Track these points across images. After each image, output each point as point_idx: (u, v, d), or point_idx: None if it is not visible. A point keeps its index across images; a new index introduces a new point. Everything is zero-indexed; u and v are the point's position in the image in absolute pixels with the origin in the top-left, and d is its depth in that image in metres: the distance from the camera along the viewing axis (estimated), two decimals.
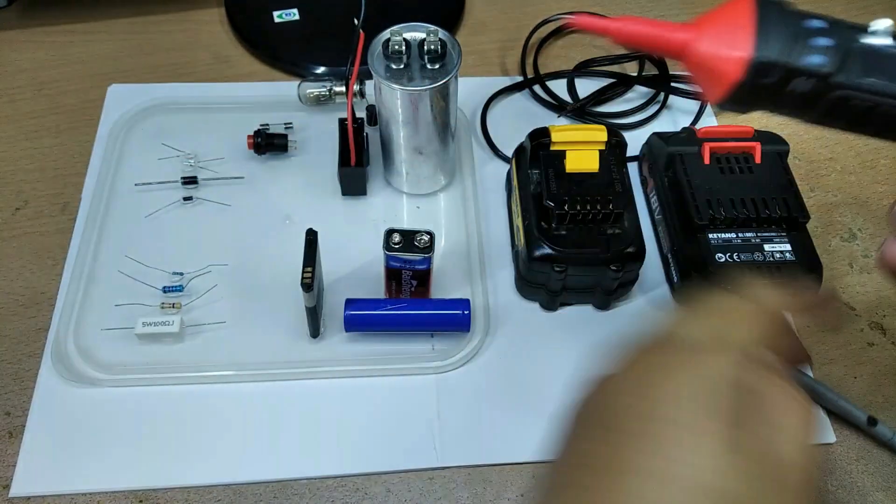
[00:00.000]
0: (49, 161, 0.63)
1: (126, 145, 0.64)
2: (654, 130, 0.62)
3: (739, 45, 0.25)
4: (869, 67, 0.24)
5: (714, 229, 0.54)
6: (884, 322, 0.57)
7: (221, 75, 0.70)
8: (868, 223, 0.63)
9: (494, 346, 0.54)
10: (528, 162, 0.56)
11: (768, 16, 0.24)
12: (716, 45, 0.25)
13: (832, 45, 0.24)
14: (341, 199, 0.61)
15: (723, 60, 0.25)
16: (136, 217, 0.59)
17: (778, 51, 0.24)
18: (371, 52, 0.54)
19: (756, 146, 0.57)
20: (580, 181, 0.54)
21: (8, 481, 0.47)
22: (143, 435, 0.49)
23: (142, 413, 0.50)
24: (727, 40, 0.25)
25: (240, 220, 0.59)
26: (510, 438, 0.50)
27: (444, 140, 0.58)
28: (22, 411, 0.50)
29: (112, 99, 0.67)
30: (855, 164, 0.67)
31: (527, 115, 0.69)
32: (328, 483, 0.48)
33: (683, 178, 0.56)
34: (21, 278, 0.56)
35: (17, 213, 0.60)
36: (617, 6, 0.78)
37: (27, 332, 0.54)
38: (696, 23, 0.26)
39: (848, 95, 0.25)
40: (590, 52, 0.74)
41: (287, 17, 0.73)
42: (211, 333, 0.53)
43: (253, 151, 0.62)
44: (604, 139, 0.56)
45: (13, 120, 0.66)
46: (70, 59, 0.71)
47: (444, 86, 0.53)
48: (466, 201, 0.61)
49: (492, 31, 0.76)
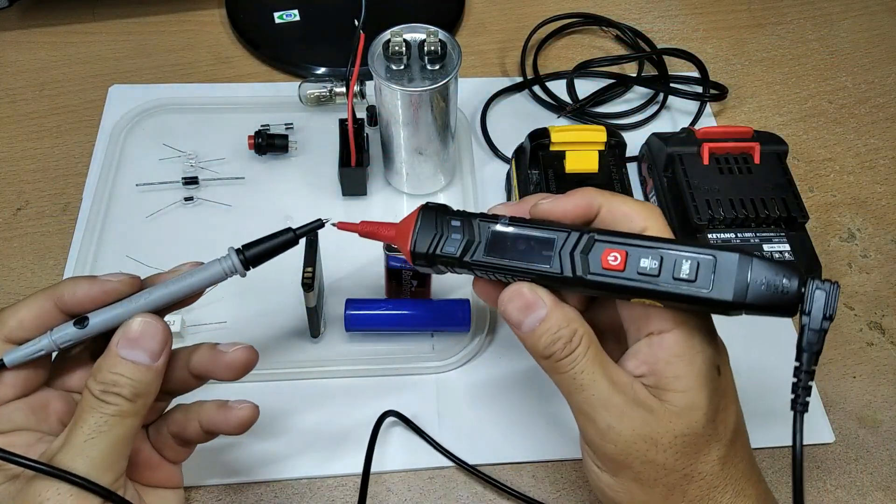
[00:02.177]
0: (50, 161, 0.64)
1: (127, 146, 0.64)
2: (654, 131, 0.63)
3: (406, 242, 0.38)
4: (491, 249, 0.36)
5: (713, 229, 0.55)
6: (883, 322, 0.57)
7: (222, 76, 0.71)
8: (867, 223, 0.63)
9: (494, 346, 0.54)
10: (528, 162, 0.57)
11: (425, 221, 0.38)
12: (398, 241, 0.39)
13: (461, 238, 0.37)
14: (342, 199, 0.61)
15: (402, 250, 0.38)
16: (137, 217, 0.59)
17: (426, 245, 0.37)
18: (371, 52, 0.54)
19: (755, 146, 0.57)
20: (580, 181, 0.54)
21: None
22: None
23: None
24: (402, 238, 0.38)
25: (240, 221, 0.59)
26: (510, 438, 0.50)
27: (444, 140, 0.58)
28: None
29: (113, 99, 0.68)
30: (854, 165, 0.67)
31: (526, 115, 0.69)
32: (328, 483, 0.49)
33: (682, 178, 0.56)
34: (22, 278, 0.57)
35: (18, 213, 0.60)
36: (615, 6, 0.78)
37: None
38: (397, 224, 0.39)
39: (475, 268, 0.37)
40: (589, 53, 0.74)
41: (288, 18, 0.73)
42: (212, 333, 0.54)
43: (254, 152, 0.63)
44: (603, 140, 0.56)
45: (14, 120, 0.66)
46: (71, 60, 0.71)
47: (444, 86, 0.53)
48: (466, 201, 0.61)
49: (492, 32, 0.76)
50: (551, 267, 0.35)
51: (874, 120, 0.71)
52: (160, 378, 0.35)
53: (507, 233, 0.36)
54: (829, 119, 0.70)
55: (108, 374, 0.34)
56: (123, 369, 0.34)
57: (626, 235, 0.35)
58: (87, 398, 0.34)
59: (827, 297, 0.32)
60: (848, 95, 0.73)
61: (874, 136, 0.69)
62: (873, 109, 0.71)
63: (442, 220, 0.38)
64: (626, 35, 0.75)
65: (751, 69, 0.74)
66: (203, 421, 0.39)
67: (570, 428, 0.50)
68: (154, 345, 0.35)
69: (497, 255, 0.36)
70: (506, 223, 0.37)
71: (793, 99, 0.72)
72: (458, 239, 0.37)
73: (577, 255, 0.35)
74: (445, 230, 0.37)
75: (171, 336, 0.36)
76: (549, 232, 0.36)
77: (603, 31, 0.77)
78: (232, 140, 0.64)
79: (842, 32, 0.78)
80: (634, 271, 0.34)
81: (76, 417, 0.34)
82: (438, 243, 0.37)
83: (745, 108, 0.71)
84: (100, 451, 0.33)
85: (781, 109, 0.71)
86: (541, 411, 0.52)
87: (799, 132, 0.69)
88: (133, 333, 0.35)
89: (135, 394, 0.34)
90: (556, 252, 0.35)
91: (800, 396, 0.34)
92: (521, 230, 0.36)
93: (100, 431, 0.33)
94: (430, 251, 0.37)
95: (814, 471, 0.50)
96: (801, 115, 0.71)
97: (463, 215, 0.38)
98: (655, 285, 0.33)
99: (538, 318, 0.35)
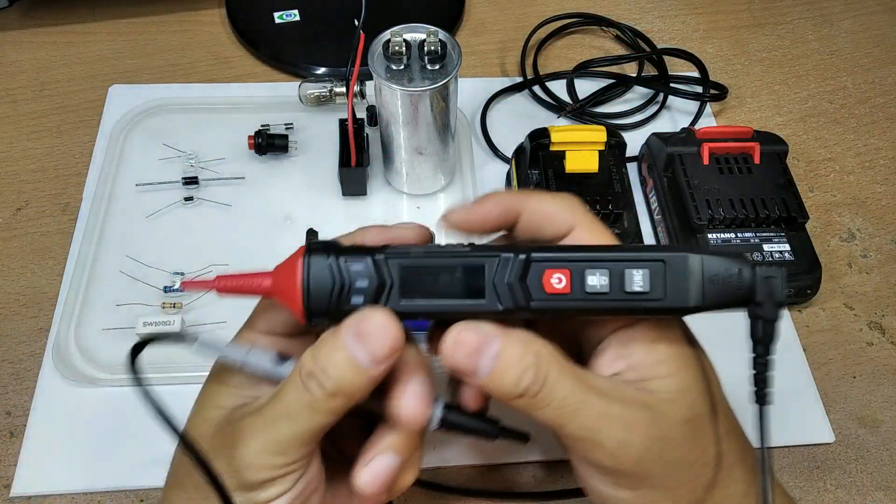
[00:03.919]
0: (50, 161, 0.64)
1: (127, 145, 0.64)
2: (654, 131, 0.63)
3: (293, 300, 0.31)
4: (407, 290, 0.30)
5: (713, 229, 0.55)
6: (882, 322, 0.57)
7: (222, 76, 0.71)
8: (867, 223, 0.63)
9: None
10: (528, 162, 0.57)
11: (316, 268, 0.30)
12: (280, 296, 0.32)
13: (367, 283, 0.30)
14: (342, 199, 0.61)
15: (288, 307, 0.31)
16: (136, 217, 0.59)
17: (325, 301, 0.30)
18: (371, 52, 0.54)
19: (755, 146, 0.57)
20: (580, 181, 0.54)
21: (9, 481, 0.47)
22: (144, 435, 0.49)
23: (143, 413, 0.50)
24: (286, 293, 0.31)
25: (240, 221, 0.59)
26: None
27: (444, 140, 0.58)
28: (23, 411, 0.50)
29: (113, 99, 0.68)
30: (854, 165, 0.67)
31: (526, 115, 0.69)
32: None
33: (683, 178, 0.56)
34: (22, 278, 0.57)
35: (18, 213, 0.60)
36: (615, 6, 0.78)
37: (28, 332, 0.54)
38: (272, 273, 0.32)
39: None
40: (589, 53, 0.74)
41: (288, 18, 0.73)
42: (212, 333, 0.54)
43: (254, 152, 0.63)
44: (603, 140, 0.56)
45: (14, 120, 0.66)
46: (71, 60, 0.71)
47: (444, 86, 0.53)
48: (466, 201, 0.61)
49: (492, 32, 0.76)
50: (487, 302, 0.30)
51: (874, 120, 0.71)
52: (369, 387, 0.31)
53: (424, 266, 0.31)
54: (829, 119, 0.70)
55: (324, 356, 0.30)
56: (338, 358, 0.30)
57: (566, 249, 0.32)
58: (295, 373, 0.31)
59: (776, 283, 0.31)
60: (848, 95, 0.73)
61: (874, 136, 0.69)
62: (873, 109, 0.71)
63: (337, 264, 0.31)
64: (626, 35, 0.75)
65: (751, 69, 0.74)
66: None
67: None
68: (380, 349, 0.30)
69: (418, 296, 0.31)
70: (420, 254, 0.31)
71: (793, 99, 0.72)
72: (365, 286, 0.31)
73: (516, 283, 0.30)
74: (345, 275, 0.31)
75: (402, 351, 0.31)
76: (474, 258, 0.31)
77: (603, 31, 0.77)
78: (232, 140, 0.64)
79: (842, 32, 0.78)
80: (582, 291, 0.31)
81: (280, 388, 0.31)
82: (341, 295, 0.31)
83: (745, 108, 0.71)
84: (281, 434, 0.31)
85: (781, 109, 0.71)
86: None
87: (799, 132, 0.69)
88: (365, 326, 0.30)
89: (336, 391, 0.30)
90: (490, 282, 0.31)
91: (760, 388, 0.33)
92: (440, 259, 0.31)
93: (287, 415, 0.31)
94: (332, 307, 0.31)
95: (814, 471, 0.50)
96: (801, 115, 0.71)
97: (362, 251, 0.31)
98: (607, 303, 0.31)
99: (493, 356, 0.30)
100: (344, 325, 0.30)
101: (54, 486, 0.48)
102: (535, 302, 0.31)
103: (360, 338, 0.30)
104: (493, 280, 0.31)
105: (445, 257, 0.31)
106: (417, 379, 0.32)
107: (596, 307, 0.31)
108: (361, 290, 0.30)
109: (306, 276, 0.31)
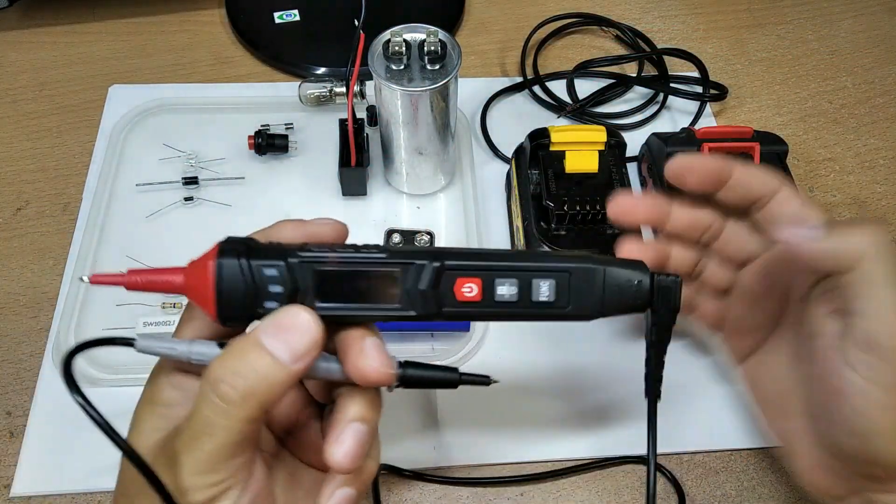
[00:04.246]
0: (50, 161, 0.64)
1: (127, 146, 0.64)
2: (654, 131, 0.63)
3: (207, 304, 0.30)
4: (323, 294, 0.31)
5: None
6: None
7: (222, 76, 0.71)
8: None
9: (493, 347, 0.54)
10: (528, 162, 0.57)
11: (228, 273, 0.30)
12: (193, 296, 0.31)
13: (282, 289, 0.30)
14: (342, 199, 0.61)
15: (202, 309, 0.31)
16: (136, 217, 0.59)
17: (237, 307, 0.30)
18: (371, 52, 0.54)
19: (755, 147, 0.57)
20: (580, 182, 0.54)
21: (9, 481, 0.47)
22: None
23: None
24: (199, 296, 0.30)
25: (240, 221, 0.59)
26: (509, 438, 0.50)
27: (444, 140, 0.58)
28: (23, 411, 0.50)
29: (113, 99, 0.68)
30: (854, 165, 0.67)
31: (526, 115, 0.69)
32: None
33: None
34: (22, 278, 0.57)
35: (18, 213, 0.61)
36: (615, 6, 0.78)
37: (28, 332, 0.54)
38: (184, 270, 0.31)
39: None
40: (589, 53, 0.74)
41: (288, 18, 0.73)
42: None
43: (254, 152, 0.63)
44: (603, 140, 0.56)
45: (14, 120, 0.66)
46: (71, 60, 0.71)
47: (444, 86, 0.53)
48: (466, 201, 0.61)
49: (492, 32, 0.76)
50: (401, 307, 0.32)
51: (874, 120, 0.71)
52: (287, 386, 0.30)
53: (339, 272, 0.31)
54: (829, 119, 0.70)
55: (237, 359, 0.29)
56: (254, 357, 0.29)
57: (476, 256, 0.33)
58: (204, 384, 0.30)
59: (672, 291, 0.33)
60: (848, 95, 0.73)
61: (874, 136, 0.69)
62: (873, 109, 0.71)
63: (250, 268, 0.30)
64: (626, 35, 0.75)
65: (751, 69, 0.74)
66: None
67: (569, 428, 0.51)
68: (299, 345, 0.29)
69: (332, 300, 0.31)
70: (335, 260, 0.31)
71: (793, 99, 0.72)
72: (279, 291, 0.30)
73: (428, 291, 0.31)
74: (258, 280, 0.30)
75: (322, 348, 0.31)
76: (389, 265, 0.31)
77: (603, 31, 0.77)
78: (232, 140, 0.64)
79: (842, 32, 0.78)
80: (492, 300, 0.32)
81: (195, 402, 0.30)
82: (255, 301, 0.30)
83: (745, 108, 0.71)
84: (205, 451, 0.29)
85: (781, 109, 0.71)
86: (540, 411, 0.52)
87: (799, 132, 0.69)
88: (284, 320, 0.30)
89: (249, 392, 0.29)
90: (403, 289, 0.31)
91: (652, 384, 0.36)
92: (355, 266, 0.31)
93: (204, 430, 0.29)
94: (245, 313, 0.31)
95: None
96: (801, 115, 0.71)
97: (275, 254, 0.31)
98: (515, 310, 0.33)
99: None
100: (261, 324, 0.30)
101: (54, 486, 0.48)
102: (446, 309, 0.32)
103: (280, 333, 0.30)
104: (407, 287, 0.32)
105: (360, 264, 0.31)
106: (371, 338, 0.32)
107: (504, 314, 0.33)
108: (275, 296, 0.30)
109: (218, 280, 0.30)
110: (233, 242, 0.31)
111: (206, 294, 0.30)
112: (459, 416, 0.51)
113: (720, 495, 0.49)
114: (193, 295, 0.31)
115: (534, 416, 0.51)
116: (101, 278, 0.32)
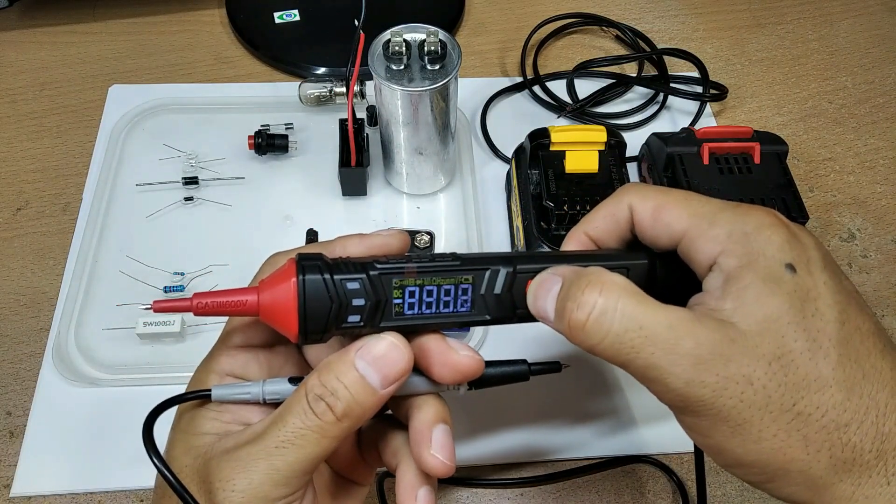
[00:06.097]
0: (50, 161, 0.64)
1: (127, 145, 0.64)
2: (654, 131, 0.63)
3: (288, 322, 0.30)
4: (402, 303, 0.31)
5: None
6: (883, 322, 0.57)
7: (222, 76, 0.71)
8: (867, 223, 0.63)
9: (494, 347, 0.54)
10: (528, 162, 0.57)
11: (312, 289, 0.30)
12: (270, 317, 0.30)
13: (364, 301, 0.30)
14: (342, 199, 0.61)
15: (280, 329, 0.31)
16: (137, 217, 0.59)
17: (321, 322, 0.30)
18: (371, 52, 0.54)
19: (755, 146, 0.57)
20: (580, 182, 0.54)
21: (9, 481, 0.47)
22: None
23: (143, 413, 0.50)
24: (278, 315, 0.30)
25: (240, 221, 0.59)
26: (509, 438, 0.50)
27: (444, 140, 0.58)
28: (23, 411, 0.50)
29: (113, 99, 0.68)
30: (854, 165, 0.67)
31: (526, 115, 0.69)
32: None
33: (683, 178, 0.56)
34: (22, 278, 0.57)
35: (18, 213, 0.61)
36: (615, 6, 0.78)
37: (28, 332, 0.54)
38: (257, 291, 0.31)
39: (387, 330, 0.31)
40: (589, 53, 0.74)
41: (288, 18, 0.73)
42: (212, 333, 0.53)
43: (254, 152, 0.63)
44: (603, 140, 0.56)
45: (14, 120, 0.66)
46: (71, 60, 0.71)
47: (444, 86, 0.53)
48: (466, 202, 0.61)
49: (492, 32, 0.76)
50: (477, 312, 0.33)
51: (874, 120, 0.71)
52: (376, 409, 0.31)
53: (417, 282, 0.32)
54: (829, 119, 0.70)
55: (334, 379, 0.30)
56: (350, 380, 0.30)
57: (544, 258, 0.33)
58: (299, 398, 0.30)
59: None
60: (848, 95, 0.73)
61: (874, 136, 0.69)
62: (873, 109, 0.71)
63: (333, 283, 0.30)
64: (626, 35, 0.75)
65: (751, 69, 0.74)
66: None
67: (568, 428, 0.51)
68: (391, 372, 0.31)
69: (414, 309, 0.32)
70: (413, 270, 0.32)
71: (793, 99, 0.72)
72: (362, 304, 0.31)
73: (504, 294, 0.33)
74: (341, 295, 0.30)
75: (409, 373, 0.32)
76: (466, 271, 0.32)
77: (603, 31, 0.77)
78: (232, 140, 0.64)
79: (842, 32, 0.78)
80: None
81: (280, 413, 0.31)
82: (339, 315, 0.31)
83: (745, 108, 0.71)
84: (286, 463, 0.30)
85: (781, 109, 0.71)
86: (540, 411, 0.52)
87: (799, 132, 0.69)
88: (378, 350, 0.31)
89: (346, 413, 0.30)
90: (479, 295, 0.32)
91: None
92: (433, 275, 0.32)
93: (293, 443, 0.30)
94: (328, 328, 0.31)
95: None
96: (801, 115, 0.71)
97: (355, 268, 0.31)
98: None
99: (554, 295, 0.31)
100: (354, 347, 0.31)
101: (54, 486, 0.48)
102: (520, 310, 0.33)
103: (372, 361, 0.31)
104: (483, 292, 0.32)
105: (438, 273, 0.32)
106: (449, 338, 0.33)
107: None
108: (359, 309, 0.31)
109: (302, 297, 0.30)
110: (309, 258, 0.31)
111: (288, 313, 0.30)
112: (459, 417, 0.51)
113: (721, 495, 0.49)
114: (269, 315, 0.31)
115: (534, 416, 0.51)
116: (164, 304, 0.32)
